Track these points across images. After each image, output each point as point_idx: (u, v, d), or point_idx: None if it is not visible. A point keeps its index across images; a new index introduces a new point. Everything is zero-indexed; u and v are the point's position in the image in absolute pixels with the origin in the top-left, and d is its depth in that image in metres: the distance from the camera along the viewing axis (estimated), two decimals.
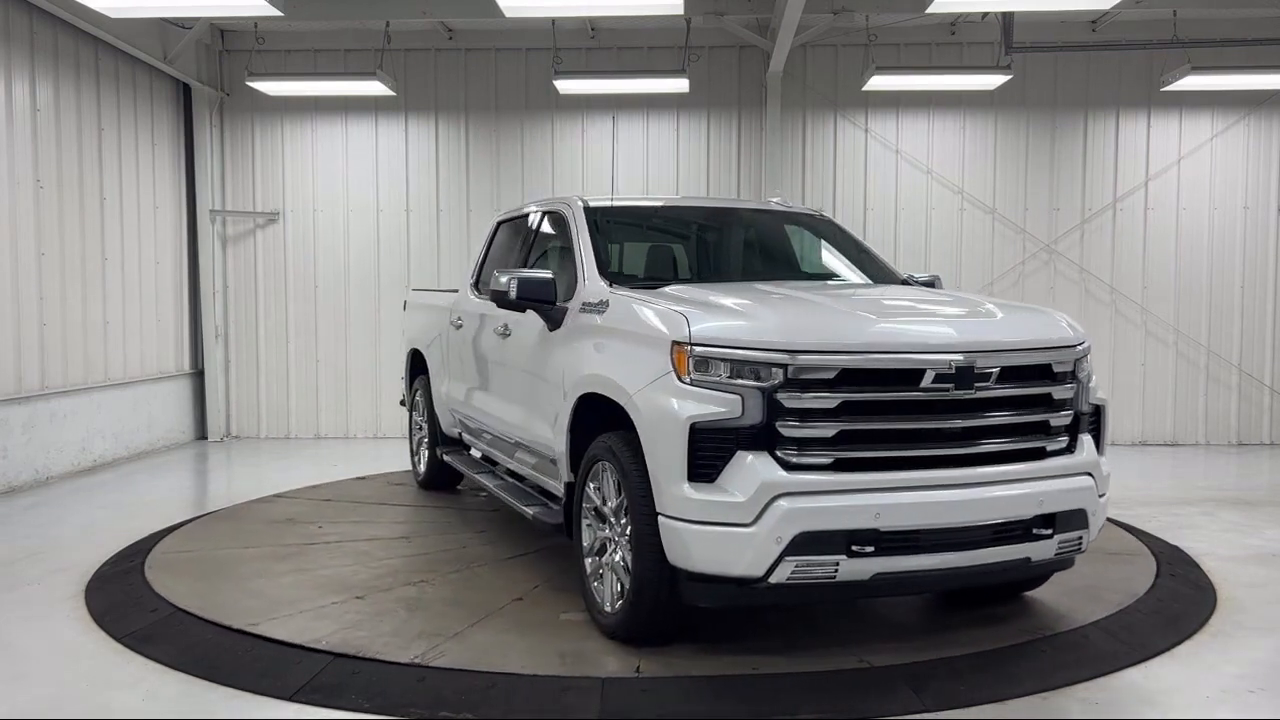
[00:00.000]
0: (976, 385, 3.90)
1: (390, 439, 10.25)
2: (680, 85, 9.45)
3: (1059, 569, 4.45)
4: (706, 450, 3.72)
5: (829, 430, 3.75)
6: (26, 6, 7.90)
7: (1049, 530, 4.01)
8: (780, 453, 3.71)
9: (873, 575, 3.77)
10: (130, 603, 4.84)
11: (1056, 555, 4.13)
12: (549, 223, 5.83)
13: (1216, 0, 9.42)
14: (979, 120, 10.33)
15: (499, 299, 5.02)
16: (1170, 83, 9.54)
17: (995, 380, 3.95)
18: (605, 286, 4.74)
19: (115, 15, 7.72)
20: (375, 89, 9.65)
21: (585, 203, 5.43)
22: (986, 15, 9.54)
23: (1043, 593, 4.93)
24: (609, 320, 4.50)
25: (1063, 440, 4.18)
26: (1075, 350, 4.24)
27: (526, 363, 5.28)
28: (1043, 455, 4.11)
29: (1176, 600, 4.93)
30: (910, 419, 3.86)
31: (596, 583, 4.40)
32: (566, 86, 9.62)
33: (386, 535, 6.10)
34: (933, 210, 10.36)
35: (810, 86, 10.29)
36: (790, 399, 3.73)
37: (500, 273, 4.99)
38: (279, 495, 7.28)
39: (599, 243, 5.11)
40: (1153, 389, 10.35)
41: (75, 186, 8.58)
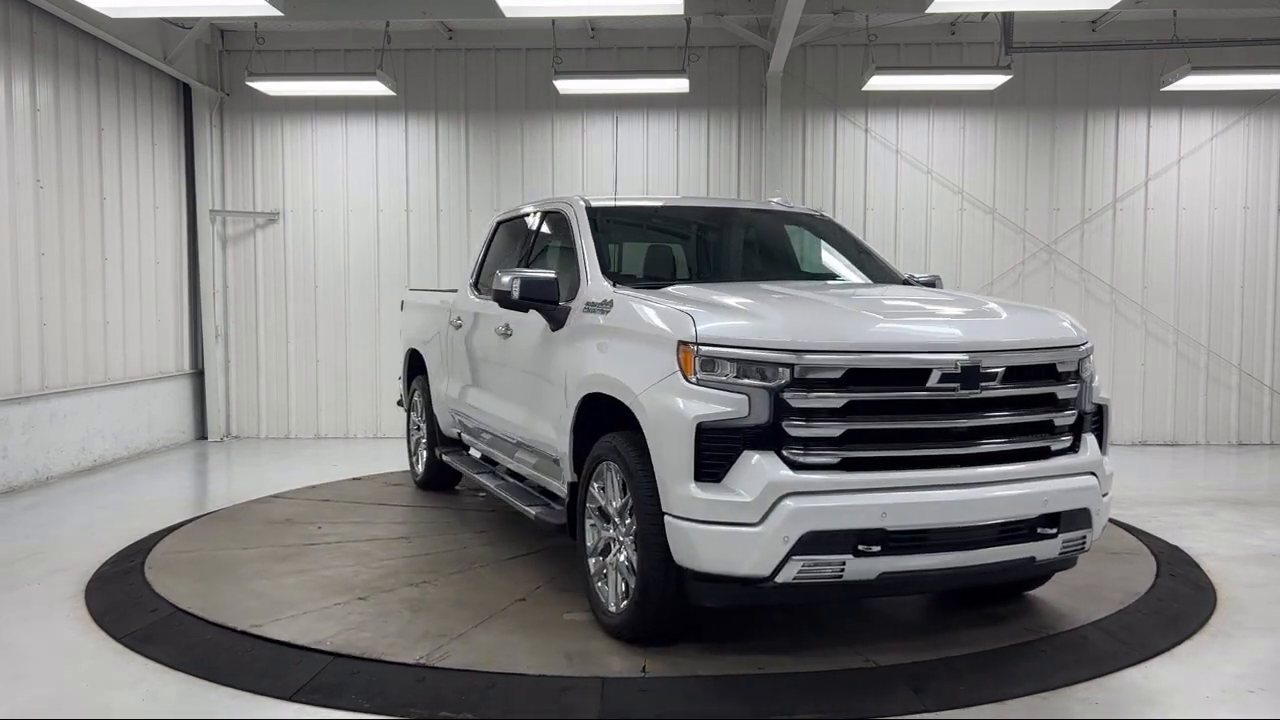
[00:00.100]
0: (982, 385, 3.91)
1: (390, 439, 10.25)
2: (680, 85, 9.45)
3: (1062, 568, 4.46)
4: (713, 450, 3.72)
5: (835, 430, 3.75)
6: (26, 6, 7.90)
7: (1053, 529, 4.02)
8: (786, 452, 3.71)
9: (879, 575, 3.77)
10: (130, 603, 4.84)
11: (1060, 554, 4.13)
12: (549, 223, 5.82)
13: (1216, 0, 9.42)
14: (979, 120, 10.33)
15: (502, 299, 4.99)
16: (1170, 83, 9.54)
17: (1000, 380, 3.96)
18: (609, 286, 4.73)
19: (115, 15, 7.72)
20: (375, 89, 9.65)
21: (587, 203, 5.42)
22: (986, 15, 9.54)
23: (1043, 592, 4.93)
24: (613, 320, 4.49)
25: (1066, 440, 4.18)
26: (1079, 350, 4.25)
27: (528, 363, 5.27)
28: (1047, 455, 4.11)
29: (1176, 600, 4.94)
30: (916, 419, 3.86)
31: (601, 583, 4.39)
32: (566, 86, 9.62)
33: (386, 536, 6.10)
34: (933, 210, 10.36)
35: (810, 86, 10.29)
36: (797, 398, 3.73)
37: (503, 272, 4.97)
38: (277, 496, 7.28)
39: (601, 243, 5.10)
40: (1153, 389, 10.35)
41: (75, 186, 8.58)
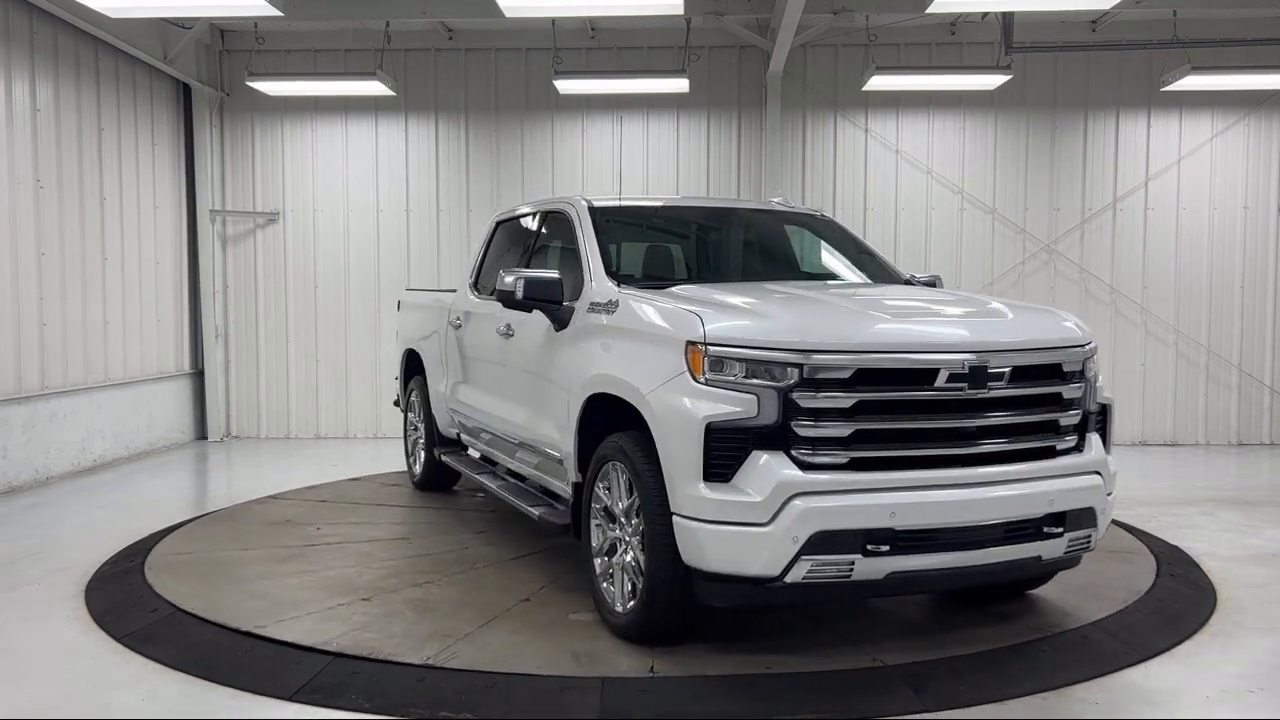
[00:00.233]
0: (989, 385, 3.92)
1: (390, 439, 10.24)
2: (680, 85, 9.45)
3: (1066, 567, 4.46)
4: (722, 450, 3.72)
5: (844, 430, 3.75)
6: (26, 6, 7.90)
7: (1059, 529, 4.03)
8: (795, 452, 3.71)
9: (887, 574, 3.77)
10: (130, 603, 4.83)
11: (1066, 553, 4.14)
12: (550, 223, 5.81)
13: (1216, 0, 9.42)
14: (979, 120, 10.33)
15: (505, 299, 4.97)
16: (1170, 83, 9.54)
17: (1007, 380, 3.97)
18: (613, 286, 4.73)
19: (115, 15, 7.72)
20: (375, 89, 9.65)
21: (589, 203, 5.41)
22: (986, 15, 9.54)
23: (1044, 591, 4.94)
24: (618, 320, 4.48)
25: (1071, 439, 4.19)
26: (1084, 350, 4.26)
27: (531, 363, 5.26)
28: (1052, 454, 4.12)
29: (1176, 600, 4.94)
30: (924, 418, 3.87)
31: (606, 583, 4.39)
32: (566, 86, 9.62)
33: (386, 536, 6.10)
34: (933, 210, 10.36)
35: (810, 86, 10.29)
36: (805, 398, 3.73)
37: (506, 272, 4.96)
38: (275, 496, 7.27)
39: (604, 242, 5.10)
40: (1153, 389, 10.35)
41: (75, 186, 8.58)
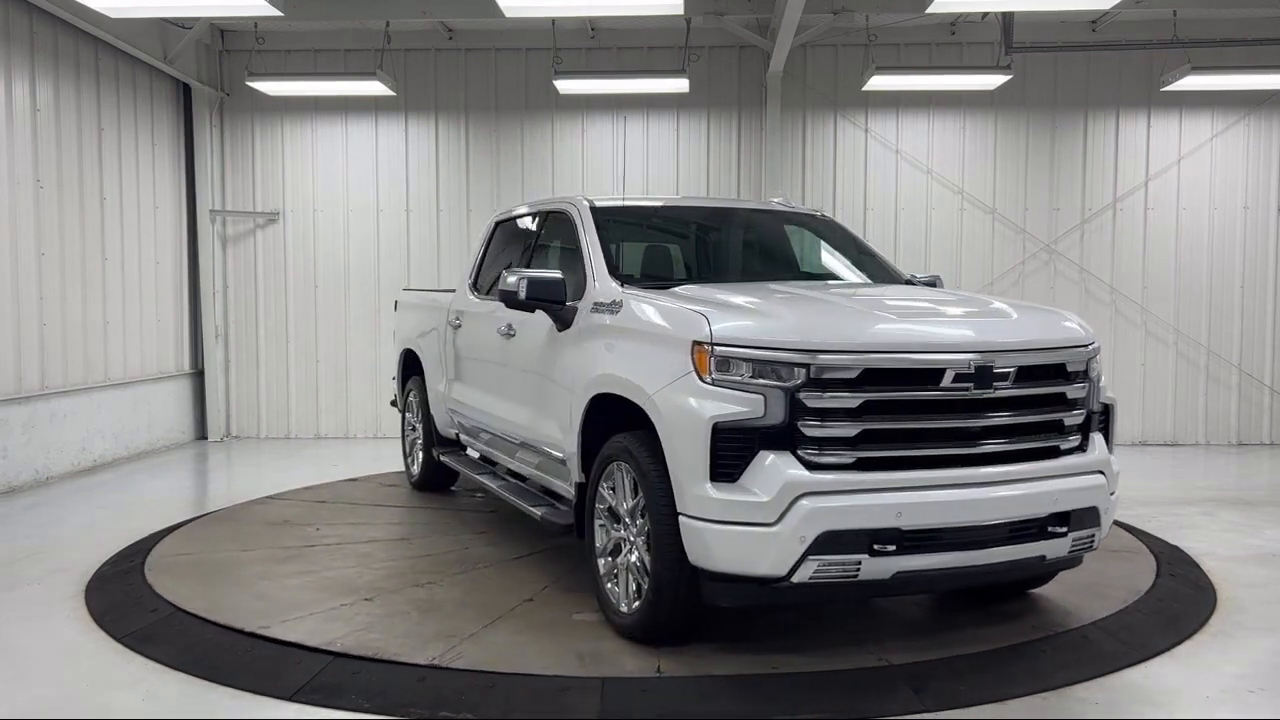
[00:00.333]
0: (995, 384, 3.92)
1: (390, 439, 10.23)
2: (680, 85, 9.45)
3: (1068, 567, 4.46)
4: (729, 450, 3.72)
5: (851, 430, 3.75)
6: (26, 6, 7.90)
7: (1064, 528, 4.04)
8: (802, 452, 3.71)
9: (893, 574, 3.77)
10: (130, 603, 4.83)
11: (1070, 553, 4.15)
12: (550, 223, 5.81)
13: (1216, 0, 9.42)
14: (979, 120, 10.33)
15: (508, 299, 4.95)
16: (1170, 83, 9.54)
17: (1013, 380, 3.98)
18: (617, 287, 4.72)
19: (115, 15, 7.72)
20: (375, 89, 9.65)
21: (591, 203, 5.40)
22: (986, 15, 9.54)
23: (1044, 590, 4.94)
24: (622, 320, 4.48)
25: (1075, 439, 4.20)
26: (1087, 350, 4.27)
27: (533, 363, 5.26)
28: (1056, 454, 4.13)
29: (1176, 600, 4.94)
30: (930, 418, 3.87)
31: (611, 584, 4.39)
32: (566, 86, 9.62)
33: (385, 537, 6.10)
34: (933, 210, 10.36)
35: (810, 86, 10.29)
36: (812, 398, 3.73)
37: (509, 273, 4.95)
38: (273, 497, 7.26)
39: (607, 242, 5.09)
40: (1153, 389, 10.35)
41: (75, 186, 8.58)
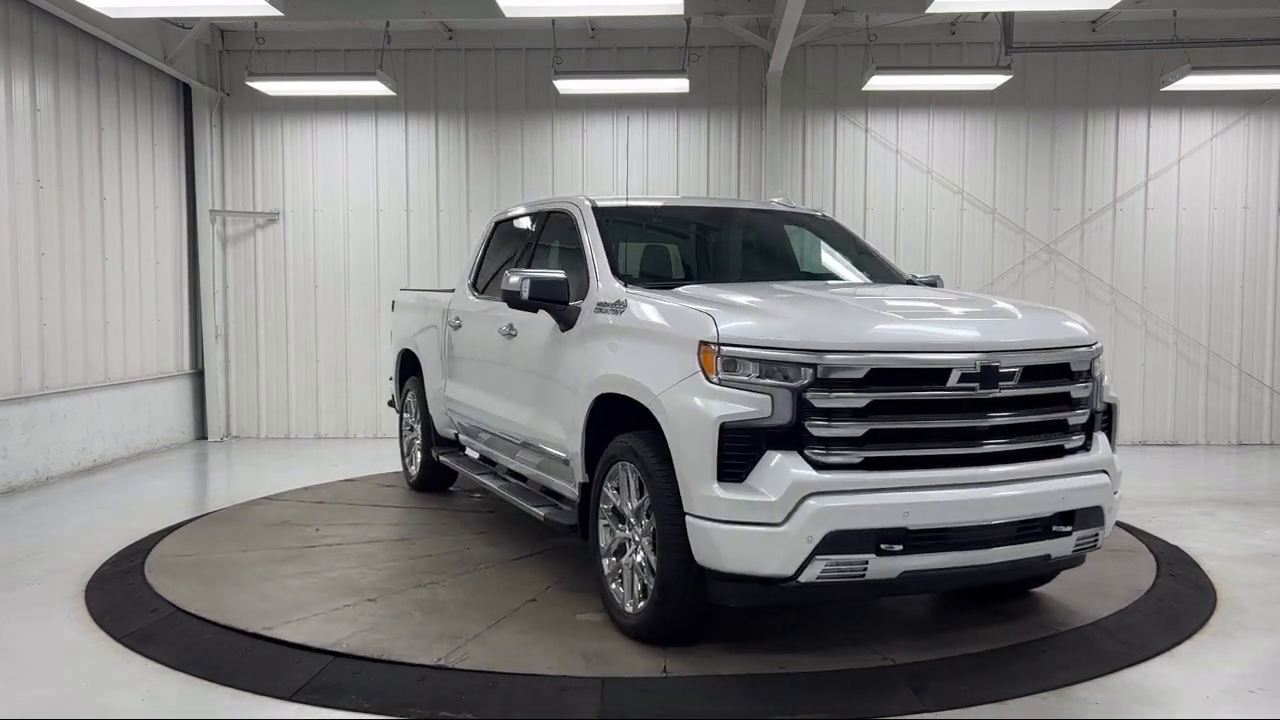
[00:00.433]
0: (1000, 384, 3.93)
1: (390, 439, 10.21)
2: (680, 85, 9.45)
3: (1071, 566, 4.47)
4: (736, 450, 3.72)
5: (858, 429, 3.76)
6: (26, 6, 7.90)
7: (1068, 527, 4.05)
8: (809, 452, 3.71)
9: (900, 574, 3.78)
10: (130, 603, 4.83)
11: (1074, 552, 4.16)
12: (550, 223, 5.81)
13: (1216, 0, 9.42)
14: (979, 120, 10.33)
15: (510, 299, 4.94)
16: (1170, 83, 9.54)
17: (1018, 380, 3.99)
18: (620, 287, 4.72)
19: (115, 15, 7.72)
20: (375, 89, 9.65)
21: (594, 203, 5.40)
22: (986, 15, 9.54)
23: (1044, 590, 4.95)
24: (627, 320, 4.47)
25: (1079, 438, 4.22)
26: (1090, 350, 4.28)
27: (536, 363, 5.26)
28: (1061, 453, 4.14)
29: (1176, 600, 4.94)
30: (936, 418, 3.88)
31: (615, 584, 4.38)
32: (566, 86, 9.62)
33: (386, 537, 6.09)
34: (933, 210, 10.36)
35: (810, 86, 10.28)
36: (819, 398, 3.73)
37: (511, 272, 4.95)
38: (270, 497, 7.24)
39: (609, 242, 5.09)
40: (1153, 389, 10.35)
41: (75, 186, 8.58)
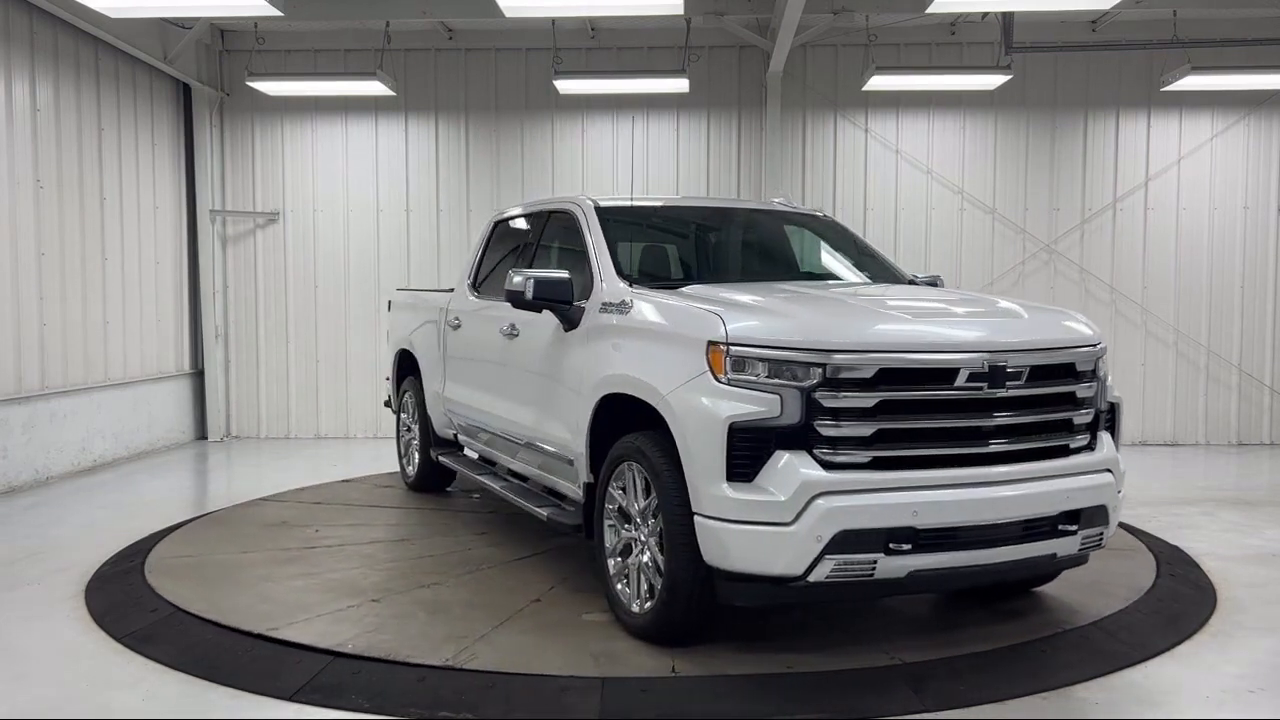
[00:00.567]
0: (1007, 384, 3.94)
1: (390, 439, 10.20)
2: (680, 85, 9.45)
3: (1075, 565, 4.48)
4: (745, 450, 3.72)
5: (866, 429, 3.76)
6: (26, 6, 7.90)
7: (1074, 526, 4.06)
8: (818, 452, 3.72)
9: (909, 573, 3.79)
10: (130, 603, 4.83)
11: (1079, 550, 4.17)
12: (551, 223, 5.80)
13: (1216, 0, 9.42)
14: (979, 120, 10.33)
15: (514, 299, 4.93)
16: (1170, 83, 9.54)
17: (1025, 379, 4.00)
18: (625, 286, 4.71)
19: (115, 15, 7.72)
20: (375, 89, 9.65)
21: (596, 203, 5.40)
22: (986, 15, 9.54)
23: (1045, 590, 4.95)
24: (632, 320, 4.46)
25: (1084, 438, 4.23)
26: (1095, 349, 4.30)
27: (538, 363, 5.25)
28: (1066, 453, 4.15)
29: (1176, 600, 4.94)
30: (944, 418, 3.89)
31: (621, 584, 4.38)
32: (566, 86, 9.62)
33: (386, 538, 6.09)
34: (933, 210, 10.36)
35: (810, 86, 10.28)
36: (828, 398, 3.74)
37: (515, 272, 4.94)
38: (267, 498, 7.23)
39: (613, 242, 5.08)
40: (1153, 389, 10.35)
41: (75, 186, 8.58)
